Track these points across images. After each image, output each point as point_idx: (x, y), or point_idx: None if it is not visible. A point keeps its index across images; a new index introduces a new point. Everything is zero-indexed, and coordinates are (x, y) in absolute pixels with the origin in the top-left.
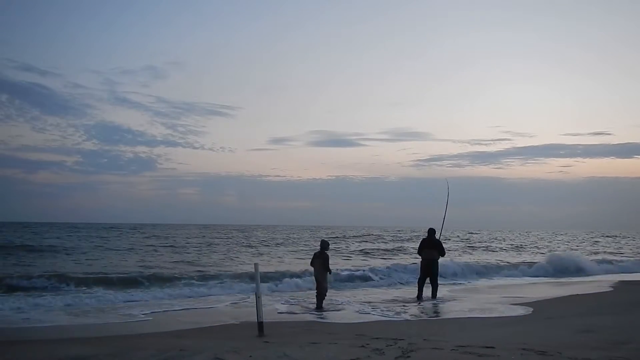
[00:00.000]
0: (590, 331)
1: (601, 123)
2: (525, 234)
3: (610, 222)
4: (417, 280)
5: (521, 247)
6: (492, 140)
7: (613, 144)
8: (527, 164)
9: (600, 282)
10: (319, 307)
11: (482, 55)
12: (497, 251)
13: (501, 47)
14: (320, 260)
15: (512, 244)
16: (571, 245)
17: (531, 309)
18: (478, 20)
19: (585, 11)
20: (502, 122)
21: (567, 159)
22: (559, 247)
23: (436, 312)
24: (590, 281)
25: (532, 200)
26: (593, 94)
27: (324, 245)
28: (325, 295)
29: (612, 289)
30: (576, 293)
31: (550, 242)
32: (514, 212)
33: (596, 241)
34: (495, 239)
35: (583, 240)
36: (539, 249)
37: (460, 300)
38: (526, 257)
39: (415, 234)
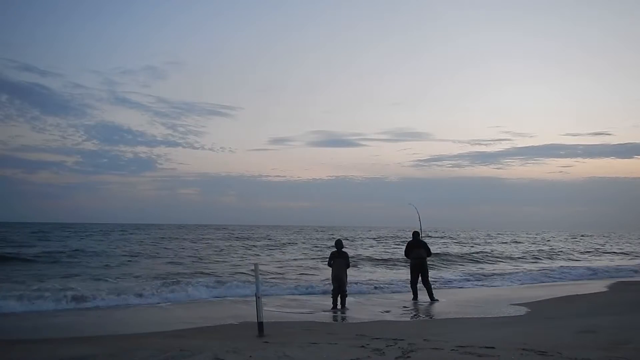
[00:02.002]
0: (590, 331)
1: (601, 123)
2: (541, 236)
3: (610, 222)
4: (409, 284)
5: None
6: (492, 140)
7: (613, 144)
8: (527, 164)
9: (597, 283)
10: (344, 306)
11: (482, 55)
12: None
13: (501, 48)
14: (342, 259)
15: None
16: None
17: (530, 310)
18: (478, 21)
19: (585, 12)
20: (502, 122)
21: (567, 159)
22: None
23: (436, 312)
24: (587, 282)
25: (532, 200)
26: (593, 94)
27: (341, 244)
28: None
29: (607, 289)
30: (575, 293)
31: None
32: (514, 212)
33: None
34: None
35: None
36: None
37: (459, 301)
38: None
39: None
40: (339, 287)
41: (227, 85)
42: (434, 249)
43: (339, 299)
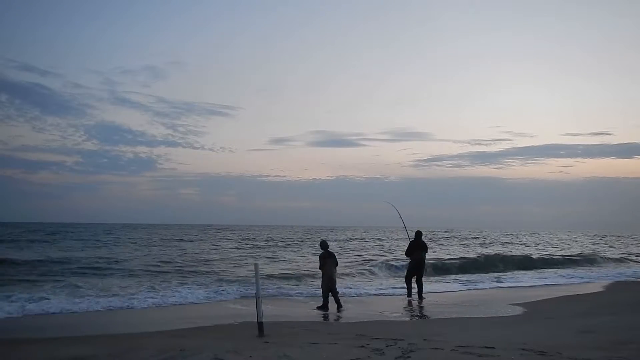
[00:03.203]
0: (590, 331)
1: (601, 123)
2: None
3: (610, 222)
4: (404, 279)
5: None
6: (492, 140)
7: (613, 144)
8: (528, 164)
9: (594, 283)
10: (340, 306)
11: (483, 56)
12: None
13: (501, 49)
14: (332, 259)
15: None
16: None
17: (530, 310)
18: (478, 22)
19: (585, 13)
20: (502, 122)
21: (568, 159)
22: None
23: (436, 312)
24: (584, 282)
25: (532, 200)
26: (593, 95)
27: (327, 244)
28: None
29: (605, 289)
30: (574, 293)
31: None
32: (514, 212)
33: None
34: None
35: None
36: None
37: (458, 301)
38: None
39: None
40: (331, 286)
41: (227, 85)
42: (474, 250)
43: (330, 299)
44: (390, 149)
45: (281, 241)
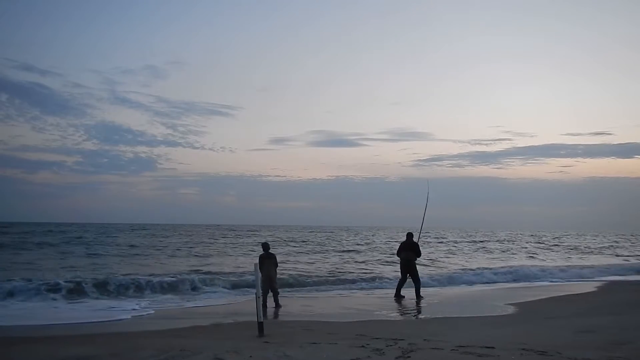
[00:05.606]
0: (590, 331)
1: (601, 123)
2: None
3: (610, 222)
4: (397, 281)
5: None
6: (492, 140)
7: (613, 144)
8: (528, 164)
9: (588, 283)
10: (278, 304)
11: (483, 56)
12: None
13: (501, 49)
14: (272, 260)
15: None
16: None
17: (529, 309)
18: (478, 22)
19: (585, 13)
20: (502, 122)
21: (568, 159)
22: None
23: (435, 312)
24: (579, 282)
25: (532, 200)
26: (593, 94)
27: (268, 246)
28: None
29: (601, 289)
30: (572, 293)
31: None
32: (515, 212)
33: None
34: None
35: None
36: None
37: (457, 300)
38: None
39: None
40: (270, 286)
41: (227, 85)
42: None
43: (269, 298)
44: (390, 149)
45: (284, 241)
